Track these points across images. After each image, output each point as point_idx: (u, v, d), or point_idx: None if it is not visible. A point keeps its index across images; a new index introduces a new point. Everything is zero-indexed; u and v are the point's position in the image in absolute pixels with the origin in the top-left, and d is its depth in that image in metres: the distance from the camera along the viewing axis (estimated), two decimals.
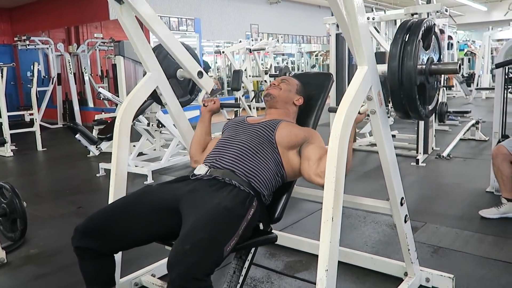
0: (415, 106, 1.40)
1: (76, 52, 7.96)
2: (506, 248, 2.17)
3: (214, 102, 1.85)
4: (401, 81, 1.36)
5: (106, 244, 1.36)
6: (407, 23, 1.42)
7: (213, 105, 1.84)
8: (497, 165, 2.53)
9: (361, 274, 1.94)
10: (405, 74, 1.35)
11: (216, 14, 8.89)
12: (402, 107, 1.43)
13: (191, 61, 1.85)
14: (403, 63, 1.35)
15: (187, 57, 1.82)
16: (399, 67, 1.35)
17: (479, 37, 13.08)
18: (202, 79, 1.87)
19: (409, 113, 1.45)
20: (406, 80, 1.35)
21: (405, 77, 1.35)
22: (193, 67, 1.85)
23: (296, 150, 1.57)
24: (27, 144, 5.64)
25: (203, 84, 1.89)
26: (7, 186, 2.39)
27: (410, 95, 1.37)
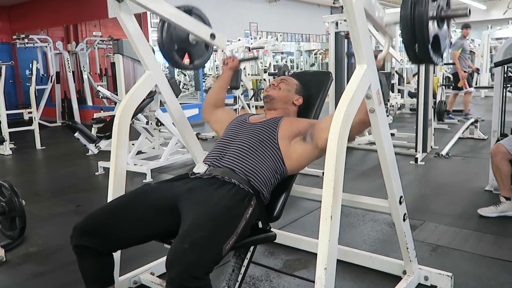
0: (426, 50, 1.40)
1: (75, 50, 7.94)
2: (505, 246, 2.18)
3: (233, 59, 1.99)
4: (413, 27, 1.36)
5: (105, 243, 1.36)
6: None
7: (233, 62, 1.98)
8: (496, 164, 2.54)
9: (360, 272, 1.94)
10: (417, 20, 1.35)
11: (215, 13, 8.87)
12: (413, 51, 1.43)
13: (201, 27, 1.84)
14: (414, 9, 1.35)
15: (196, 25, 1.82)
16: (411, 14, 1.36)
17: (478, 36, 13.08)
18: (216, 39, 1.89)
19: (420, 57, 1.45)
20: (418, 26, 1.36)
21: (417, 22, 1.36)
22: (204, 32, 1.85)
23: (300, 138, 1.58)
24: (26, 143, 5.64)
25: (217, 43, 1.91)
26: (6, 185, 2.39)
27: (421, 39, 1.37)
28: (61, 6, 7.83)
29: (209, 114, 1.93)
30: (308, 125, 1.60)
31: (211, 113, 1.92)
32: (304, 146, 1.56)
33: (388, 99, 5.18)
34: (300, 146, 1.57)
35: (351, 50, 4.35)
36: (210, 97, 1.98)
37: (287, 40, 11.38)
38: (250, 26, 9.92)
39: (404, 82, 6.85)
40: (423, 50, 1.40)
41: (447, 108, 6.05)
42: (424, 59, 1.46)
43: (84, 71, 7.81)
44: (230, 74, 1.99)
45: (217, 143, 1.63)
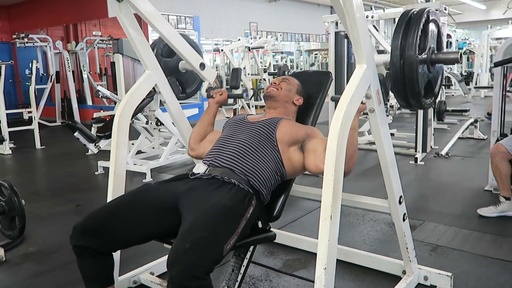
0: (417, 96, 1.40)
1: (75, 50, 7.94)
2: (505, 246, 2.18)
3: (221, 93, 1.86)
4: (403, 71, 1.36)
5: (105, 243, 1.36)
6: (408, 13, 1.43)
7: (221, 96, 1.86)
8: (496, 164, 2.54)
9: (359, 272, 1.94)
10: (407, 64, 1.35)
11: (215, 12, 8.87)
12: (404, 96, 1.43)
13: (192, 54, 1.85)
14: (404, 52, 1.36)
15: (189, 50, 1.82)
16: (401, 57, 1.36)
17: (478, 36, 13.08)
18: (204, 70, 1.88)
19: (411, 103, 1.46)
20: (407, 70, 1.36)
21: (407, 66, 1.35)
22: (195, 59, 1.85)
23: (297, 147, 1.57)
24: (25, 142, 5.63)
25: (205, 75, 1.90)
26: (6, 184, 2.39)
27: (412, 85, 1.37)
28: (61, 5, 7.83)
29: (199, 150, 1.77)
30: (305, 134, 1.57)
31: (199, 148, 1.77)
32: (300, 156, 1.56)
33: (388, 99, 5.18)
34: (297, 154, 1.56)
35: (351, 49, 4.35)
36: (198, 135, 1.80)
37: (287, 40, 11.38)
38: (250, 26, 9.92)
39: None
40: (414, 97, 1.41)
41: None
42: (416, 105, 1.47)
43: (84, 71, 7.80)
44: (216, 108, 1.85)
45: (216, 143, 1.63)
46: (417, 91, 1.39)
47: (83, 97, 8.04)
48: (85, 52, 8.05)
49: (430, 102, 1.51)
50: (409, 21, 1.40)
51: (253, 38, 7.67)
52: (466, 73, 11.05)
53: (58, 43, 7.80)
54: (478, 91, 9.61)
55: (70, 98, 7.71)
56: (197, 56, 1.87)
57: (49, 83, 7.62)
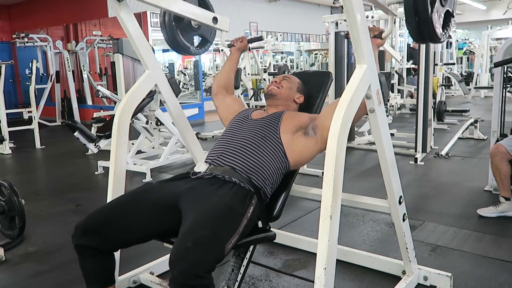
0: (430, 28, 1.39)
1: (75, 49, 7.94)
2: (504, 246, 2.18)
3: (241, 40, 1.98)
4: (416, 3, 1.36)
5: (106, 242, 1.36)
6: None
7: (241, 43, 1.98)
8: (496, 164, 2.54)
9: (359, 272, 1.94)
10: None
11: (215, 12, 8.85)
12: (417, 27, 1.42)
13: (202, 13, 1.83)
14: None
15: (198, 11, 1.81)
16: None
17: (478, 36, 13.08)
18: (218, 23, 1.89)
19: (424, 34, 1.44)
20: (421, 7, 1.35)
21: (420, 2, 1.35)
22: (206, 16, 1.84)
23: (301, 132, 1.58)
24: (25, 142, 5.63)
25: (220, 27, 1.91)
26: (6, 184, 2.39)
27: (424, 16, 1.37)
28: (61, 5, 7.83)
29: (219, 99, 1.90)
30: (309, 119, 1.60)
31: (222, 99, 1.90)
32: (306, 140, 1.56)
33: (388, 99, 5.18)
34: (302, 139, 1.57)
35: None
36: (220, 80, 1.94)
37: (287, 39, 11.37)
38: (250, 26, 9.91)
39: (404, 82, 6.86)
40: (426, 28, 1.40)
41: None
42: (428, 36, 1.45)
43: (84, 71, 7.80)
44: (238, 55, 1.99)
45: (218, 141, 1.63)
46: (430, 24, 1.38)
47: (83, 97, 8.04)
48: (85, 52, 8.05)
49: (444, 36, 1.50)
50: None
51: None
52: (466, 74, 11.06)
53: (58, 43, 7.79)
54: (478, 91, 9.62)
55: (70, 98, 7.71)
56: (207, 13, 1.86)
57: (49, 82, 7.62)
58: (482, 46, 9.99)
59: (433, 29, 1.41)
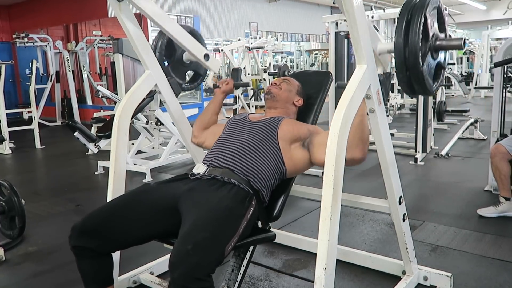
0: (421, 82, 1.40)
1: (75, 49, 7.94)
2: (504, 246, 2.18)
3: (227, 83, 1.89)
4: (407, 57, 1.36)
5: (104, 243, 1.35)
6: (410, 1, 1.42)
7: (227, 86, 1.89)
8: (496, 164, 2.54)
9: (359, 272, 1.94)
10: (411, 49, 1.35)
11: (215, 12, 8.87)
12: (408, 82, 1.43)
13: (196, 45, 1.84)
14: (408, 39, 1.35)
15: (192, 42, 1.82)
16: (404, 45, 1.36)
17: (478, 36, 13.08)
18: (209, 61, 1.88)
19: (414, 88, 1.45)
20: (411, 56, 1.35)
21: (411, 52, 1.35)
22: (199, 50, 1.85)
23: (299, 144, 1.57)
24: (25, 142, 5.63)
25: (210, 65, 1.90)
26: (6, 184, 2.39)
27: (415, 70, 1.37)
28: (61, 5, 7.83)
29: (200, 139, 1.83)
30: (307, 131, 1.58)
31: (202, 137, 1.82)
32: (302, 153, 1.56)
33: (388, 99, 5.18)
34: (299, 151, 1.56)
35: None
36: (202, 123, 1.85)
37: (287, 40, 11.38)
38: (250, 26, 9.91)
39: None
40: (417, 82, 1.40)
41: None
42: (419, 90, 1.46)
43: (84, 71, 7.80)
44: (223, 98, 1.90)
45: (216, 142, 1.63)
46: (422, 81, 1.39)
47: (83, 97, 8.04)
48: (85, 52, 8.05)
49: (436, 87, 1.51)
50: (412, 9, 1.39)
51: (253, 38, 7.67)
52: (466, 74, 11.05)
53: (58, 43, 7.79)
54: (478, 91, 9.62)
55: (70, 98, 7.71)
56: (201, 47, 1.86)
57: (49, 83, 7.62)
58: (482, 46, 9.99)
59: (425, 84, 1.41)
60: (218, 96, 1.89)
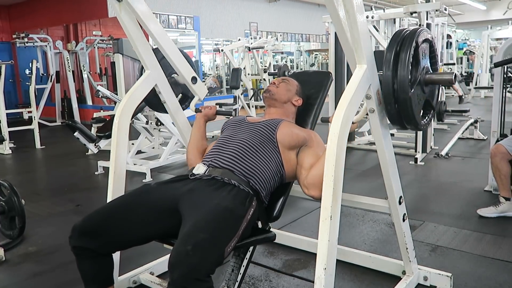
0: (410, 117, 1.38)
1: (75, 49, 7.94)
2: (504, 246, 2.18)
3: (210, 108, 1.84)
4: (395, 91, 1.35)
5: (104, 244, 1.35)
6: (400, 33, 1.41)
7: (209, 111, 1.83)
8: (496, 164, 2.54)
9: (359, 272, 1.94)
10: (399, 83, 1.33)
11: (215, 12, 8.87)
12: (398, 118, 1.41)
13: (185, 66, 1.82)
14: (396, 73, 1.34)
15: (182, 61, 1.80)
16: (392, 77, 1.35)
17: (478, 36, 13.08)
18: (196, 85, 1.85)
19: (405, 124, 1.44)
20: (399, 90, 1.34)
21: (399, 86, 1.33)
22: (187, 71, 1.83)
23: (296, 151, 1.57)
24: (25, 142, 5.63)
25: (196, 90, 1.86)
26: (6, 184, 2.39)
27: (404, 106, 1.36)
28: (61, 5, 7.83)
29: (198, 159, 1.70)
30: (303, 139, 1.57)
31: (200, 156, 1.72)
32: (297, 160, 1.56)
33: None
34: (295, 158, 1.57)
35: None
36: (194, 150, 1.74)
37: (287, 40, 11.37)
38: (250, 26, 9.91)
39: None
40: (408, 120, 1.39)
41: None
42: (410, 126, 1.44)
43: (84, 71, 7.80)
44: (204, 122, 1.82)
45: (216, 143, 1.63)
46: (411, 114, 1.37)
47: (83, 97, 8.04)
48: (85, 52, 8.05)
49: (426, 123, 1.49)
50: (401, 41, 1.36)
51: (253, 38, 7.67)
52: (466, 74, 11.06)
53: (58, 43, 7.79)
54: (478, 91, 9.62)
55: (70, 98, 7.71)
56: (190, 69, 1.84)
57: (49, 83, 7.62)
58: (482, 46, 9.98)
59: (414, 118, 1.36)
60: (199, 121, 1.81)
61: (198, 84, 1.86)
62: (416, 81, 1.39)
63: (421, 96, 1.44)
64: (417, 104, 1.41)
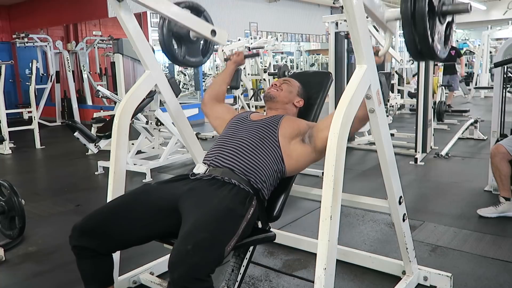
0: (427, 45, 1.39)
1: (75, 49, 7.94)
2: (504, 246, 2.18)
3: (238, 54, 2.00)
4: (414, 21, 1.36)
5: (104, 244, 1.35)
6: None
7: (237, 57, 1.99)
8: (496, 164, 2.54)
9: (359, 272, 1.94)
10: (417, 14, 1.34)
11: (215, 12, 8.86)
12: (415, 46, 1.42)
13: (201, 24, 1.82)
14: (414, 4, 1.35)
15: (197, 22, 1.79)
16: (411, 8, 1.35)
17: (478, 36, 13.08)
18: (217, 36, 1.87)
19: (422, 52, 1.44)
20: (418, 19, 1.35)
21: (417, 16, 1.35)
22: (205, 28, 1.83)
23: (299, 139, 1.58)
24: (25, 142, 5.63)
25: (218, 40, 1.89)
26: (6, 184, 2.39)
27: (422, 34, 1.36)
28: (61, 5, 7.82)
29: (209, 108, 1.91)
30: (307, 126, 1.60)
31: (212, 107, 1.90)
32: (302, 147, 1.56)
33: (388, 99, 5.18)
34: (299, 146, 1.57)
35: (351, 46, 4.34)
36: (212, 90, 1.96)
37: (287, 40, 11.38)
38: (250, 26, 9.92)
39: (404, 82, 6.86)
40: (424, 46, 1.39)
41: None
42: (426, 54, 1.45)
43: (84, 71, 7.80)
44: (234, 68, 2.00)
45: (216, 141, 1.63)
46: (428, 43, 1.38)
47: (83, 97, 8.03)
48: (85, 52, 8.05)
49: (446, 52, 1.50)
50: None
51: (253, 38, 7.67)
52: (466, 74, 11.05)
53: (58, 43, 7.79)
54: (478, 91, 9.62)
55: (70, 98, 7.71)
56: (207, 25, 1.84)
57: (49, 83, 7.62)
58: (482, 44, 9.96)
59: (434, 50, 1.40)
60: (230, 67, 1.99)
61: (218, 34, 1.87)
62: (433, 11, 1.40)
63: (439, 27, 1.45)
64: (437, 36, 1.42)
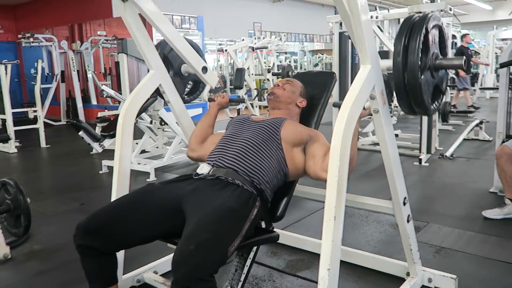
0: (420, 102, 1.39)
1: (80, 49, 7.98)
2: (509, 248, 2.17)
3: (223, 96, 1.88)
4: (405, 77, 1.35)
5: (108, 243, 1.36)
6: (410, 18, 1.42)
7: (222, 99, 1.87)
8: (501, 166, 2.52)
9: (363, 273, 1.94)
10: (409, 70, 1.34)
11: (219, 12, 8.88)
12: (407, 102, 1.42)
13: (195, 57, 1.85)
14: (406, 58, 1.34)
15: (192, 53, 1.83)
16: (403, 63, 1.35)
17: (483, 37, 13.00)
18: (207, 74, 1.89)
19: (414, 109, 1.44)
20: (409, 76, 1.34)
21: (409, 72, 1.34)
22: (197, 62, 1.86)
23: (301, 148, 1.57)
24: (30, 141, 5.67)
25: (207, 79, 1.90)
26: (11, 183, 2.41)
27: (414, 91, 1.36)
28: (66, 5, 7.87)
29: (200, 150, 1.75)
30: (308, 136, 1.58)
31: (201, 149, 1.75)
32: (303, 158, 1.57)
33: (393, 99, 5.16)
34: (300, 155, 1.57)
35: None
36: (198, 137, 1.78)
37: (291, 40, 11.37)
38: (254, 26, 9.92)
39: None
40: (417, 104, 1.39)
41: None
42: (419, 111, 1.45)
43: (88, 70, 7.84)
44: (217, 111, 1.85)
45: (220, 142, 1.63)
46: (420, 98, 1.38)
47: (87, 96, 8.08)
48: (90, 52, 8.08)
49: (434, 108, 1.50)
50: (411, 28, 1.38)
51: (257, 38, 7.68)
52: (472, 74, 10.99)
53: (63, 43, 7.84)
54: (483, 92, 9.56)
55: (75, 98, 7.75)
56: (200, 59, 1.87)
57: (54, 82, 7.67)
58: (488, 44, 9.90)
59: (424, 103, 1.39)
60: (213, 109, 1.85)
61: (209, 73, 1.89)
62: (426, 67, 1.40)
63: (430, 81, 1.45)
64: (427, 89, 1.42)
